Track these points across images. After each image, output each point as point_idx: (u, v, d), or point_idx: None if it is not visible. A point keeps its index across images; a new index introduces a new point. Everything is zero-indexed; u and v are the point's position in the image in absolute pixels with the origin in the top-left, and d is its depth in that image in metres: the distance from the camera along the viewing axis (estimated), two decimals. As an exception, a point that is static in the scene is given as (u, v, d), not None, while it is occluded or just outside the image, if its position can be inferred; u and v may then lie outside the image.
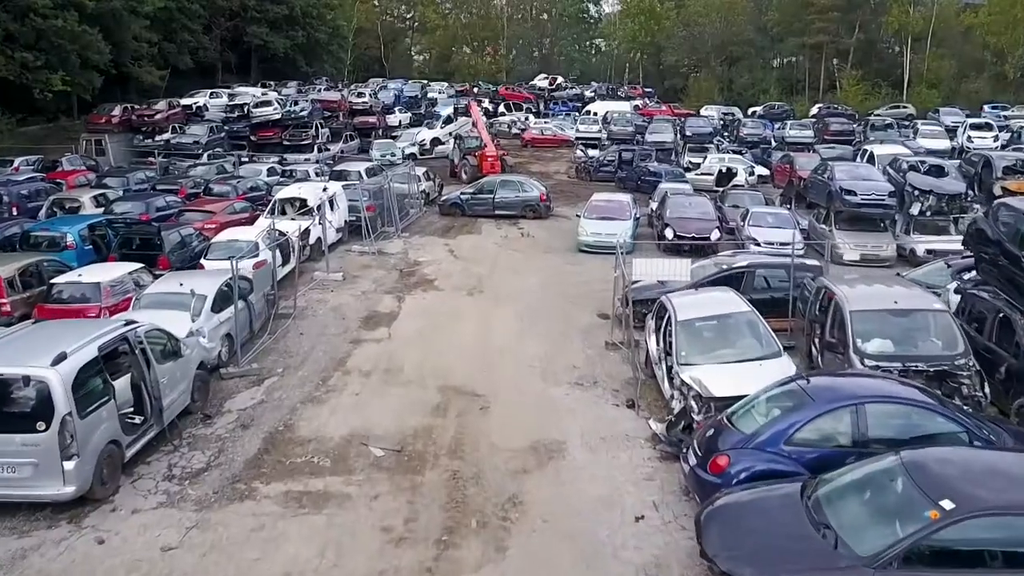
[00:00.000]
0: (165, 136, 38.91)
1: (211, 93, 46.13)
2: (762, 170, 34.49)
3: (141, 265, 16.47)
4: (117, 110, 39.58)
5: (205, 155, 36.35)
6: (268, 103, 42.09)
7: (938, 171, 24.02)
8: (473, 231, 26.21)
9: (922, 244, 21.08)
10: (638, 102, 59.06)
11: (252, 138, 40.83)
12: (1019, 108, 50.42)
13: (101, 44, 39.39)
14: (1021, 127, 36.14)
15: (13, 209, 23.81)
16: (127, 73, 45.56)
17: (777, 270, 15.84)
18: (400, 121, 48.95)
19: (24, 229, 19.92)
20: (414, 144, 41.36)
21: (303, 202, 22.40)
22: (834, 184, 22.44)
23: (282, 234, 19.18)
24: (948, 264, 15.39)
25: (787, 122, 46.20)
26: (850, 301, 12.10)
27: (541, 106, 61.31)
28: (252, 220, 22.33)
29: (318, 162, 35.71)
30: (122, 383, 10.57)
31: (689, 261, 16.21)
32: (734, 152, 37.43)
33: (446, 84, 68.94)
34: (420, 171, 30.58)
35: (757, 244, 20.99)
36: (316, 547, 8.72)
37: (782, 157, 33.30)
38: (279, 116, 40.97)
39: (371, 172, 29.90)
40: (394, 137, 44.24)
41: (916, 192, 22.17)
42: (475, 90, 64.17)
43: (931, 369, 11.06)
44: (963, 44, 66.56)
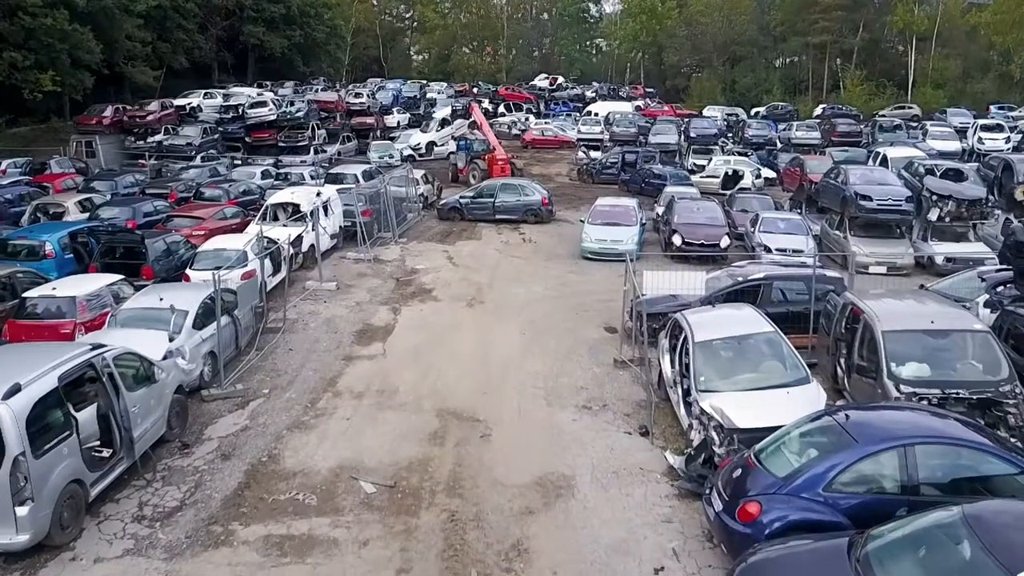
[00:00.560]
0: (157, 137, 37.79)
1: (205, 93, 45.01)
2: (768, 172, 33.61)
3: (120, 277, 15.48)
4: (108, 111, 38.39)
5: (198, 157, 35.40)
6: (263, 104, 41.12)
7: (956, 175, 23.16)
8: (473, 236, 25.27)
9: (941, 251, 20.54)
10: (640, 102, 58.31)
11: (247, 140, 39.94)
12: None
13: (92, 43, 38.43)
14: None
15: (-6, 215, 22.95)
16: (120, 73, 44.69)
17: (796, 282, 14.96)
18: (399, 122, 48.20)
19: (1, 237, 18.98)
20: (407, 147, 40.40)
21: (296, 207, 21.43)
22: (848, 189, 21.55)
23: (272, 242, 18.30)
24: (981, 277, 14.39)
25: (793, 123, 45.22)
26: (882, 320, 11.15)
27: (541, 107, 60.52)
28: (243, 226, 21.36)
29: (314, 164, 34.76)
30: (87, 414, 9.64)
31: (703, 274, 15.33)
32: (739, 154, 36.44)
33: (445, 84, 68.12)
34: (418, 174, 29.58)
35: (769, 251, 20.20)
36: (297, 604, 7.81)
37: (792, 160, 32.18)
38: (275, 117, 40.02)
39: (368, 175, 28.93)
40: (392, 138, 43.46)
41: (934, 197, 21.34)
42: (475, 90, 63.30)
43: (973, 396, 10.14)
44: (968, 44, 65.82)
